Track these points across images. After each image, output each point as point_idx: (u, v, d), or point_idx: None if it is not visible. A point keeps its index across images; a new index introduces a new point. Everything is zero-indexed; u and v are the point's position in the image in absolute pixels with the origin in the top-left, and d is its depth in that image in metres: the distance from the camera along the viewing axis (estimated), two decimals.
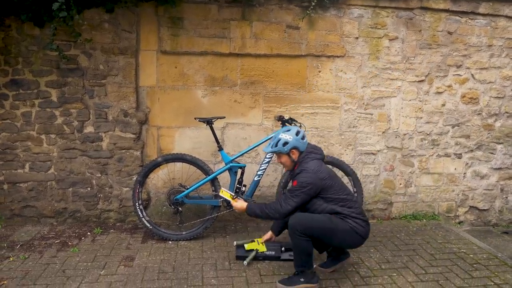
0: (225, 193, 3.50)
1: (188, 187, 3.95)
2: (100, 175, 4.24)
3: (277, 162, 3.38)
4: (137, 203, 3.92)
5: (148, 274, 3.31)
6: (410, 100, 4.56)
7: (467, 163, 4.75)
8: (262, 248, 3.57)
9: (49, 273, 3.29)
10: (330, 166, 3.65)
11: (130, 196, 4.29)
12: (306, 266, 3.08)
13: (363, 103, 4.50)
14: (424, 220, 4.68)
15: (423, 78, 4.54)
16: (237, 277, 3.29)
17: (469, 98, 4.64)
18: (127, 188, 4.29)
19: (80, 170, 4.21)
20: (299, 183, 3.08)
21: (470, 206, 4.83)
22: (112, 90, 4.14)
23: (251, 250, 3.55)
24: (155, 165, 3.93)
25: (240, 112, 4.37)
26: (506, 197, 4.85)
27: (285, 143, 3.20)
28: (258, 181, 3.97)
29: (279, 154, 3.28)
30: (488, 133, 4.72)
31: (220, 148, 3.96)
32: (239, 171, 3.95)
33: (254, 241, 3.64)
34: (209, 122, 3.91)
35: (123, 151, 4.24)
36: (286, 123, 3.96)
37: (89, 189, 4.26)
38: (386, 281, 3.29)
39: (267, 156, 3.95)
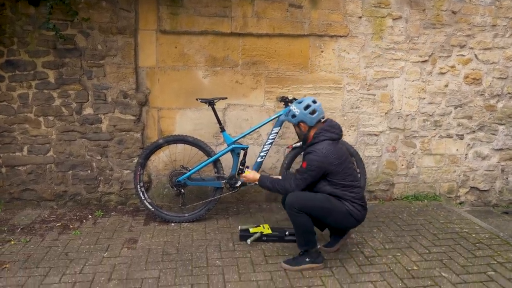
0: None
1: (190, 169, 3.91)
2: (100, 157, 4.18)
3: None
4: (138, 186, 3.87)
5: (152, 256, 3.29)
6: (413, 80, 4.51)
7: (469, 144, 4.74)
8: (267, 231, 3.55)
9: (52, 256, 3.26)
10: None
11: (131, 179, 4.25)
12: (310, 244, 3.08)
13: (366, 84, 4.45)
14: (426, 200, 4.68)
15: (426, 58, 4.49)
16: (242, 258, 3.29)
17: (472, 78, 4.61)
18: (128, 171, 4.24)
19: (80, 152, 4.15)
20: (308, 165, 3.05)
21: (471, 187, 4.84)
22: (111, 71, 4.05)
23: (256, 233, 3.54)
24: (157, 146, 3.88)
25: (241, 93, 4.31)
26: (507, 178, 4.87)
27: (293, 116, 3.19)
28: (261, 162, 3.94)
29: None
30: (490, 114, 4.70)
31: (222, 129, 3.91)
32: (242, 152, 3.91)
33: (259, 226, 3.62)
34: (211, 103, 3.85)
35: (123, 133, 4.17)
36: (290, 104, 3.91)
37: (89, 171, 4.20)
38: (390, 260, 3.29)
39: (270, 138, 3.90)
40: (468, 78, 4.60)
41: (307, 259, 3.10)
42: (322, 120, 3.19)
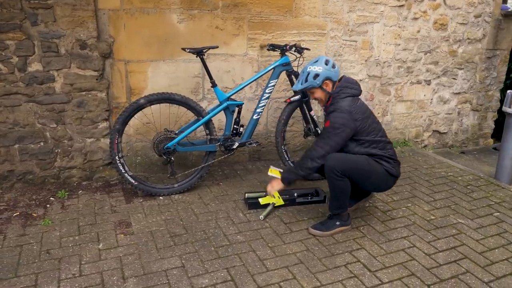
0: (274, 171, 3.21)
1: (177, 131, 3.34)
2: (55, 125, 3.33)
3: (312, 98, 3.00)
4: (117, 157, 3.19)
5: (159, 240, 2.77)
6: (391, 26, 4.38)
7: (434, 89, 4.88)
8: (280, 202, 3.22)
9: (30, 258, 2.54)
10: None
11: (95, 148, 3.51)
12: (344, 208, 2.89)
13: (349, 30, 4.18)
14: (398, 147, 4.78)
15: (403, 2, 4.35)
16: (263, 229, 2.96)
17: (439, 24, 4.64)
18: (92, 139, 3.48)
19: (28, 120, 3.24)
20: (331, 123, 2.78)
21: (433, 130, 5.07)
22: (63, 14, 3.12)
23: (267, 204, 3.20)
24: (137, 108, 3.18)
25: (222, 41, 3.72)
26: (461, 120, 5.20)
27: (316, 75, 2.84)
28: (257, 120, 3.53)
29: (311, 89, 2.90)
30: (453, 59, 4.86)
31: (214, 84, 3.35)
32: (236, 110, 3.44)
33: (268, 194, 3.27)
34: (199, 53, 3.24)
35: (84, 93, 3.35)
36: (288, 53, 3.49)
37: (42, 144, 3.33)
38: (406, 212, 3.27)
39: (267, 91, 3.48)
40: (437, 23, 4.63)
41: (338, 223, 2.91)
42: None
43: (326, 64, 2.85)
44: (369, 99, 4.51)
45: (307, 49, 3.52)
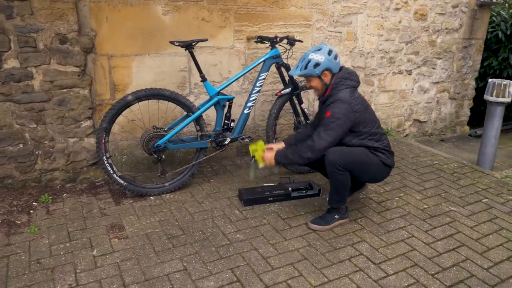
0: (259, 146, 2.94)
1: (166, 129, 3.21)
2: (35, 125, 3.12)
3: (308, 86, 2.93)
4: (104, 157, 3.03)
5: (157, 243, 2.66)
6: (374, 16, 4.39)
7: (415, 79, 4.96)
8: (259, 160, 2.95)
9: (19, 269, 2.37)
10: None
11: (78, 149, 3.33)
12: (343, 201, 2.89)
13: (333, 21, 4.16)
14: None
15: None
16: (261, 226, 2.90)
17: (420, 14, 4.70)
18: (75, 139, 3.29)
19: (5, 121, 3.01)
20: (333, 113, 2.71)
21: (414, 119, 5.16)
22: (41, 7, 2.89)
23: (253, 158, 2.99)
24: (125, 105, 3.02)
25: (209, 33, 3.59)
26: (440, 108, 5.31)
27: (316, 65, 2.75)
28: (248, 114, 3.45)
29: (309, 77, 2.84)
30: (432, 49, 4.94)
31: (204, 79, 3.24)
32: (227, 104, 3.35)
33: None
34: (188, 46, 3.11)
35: (65, 90, 3.14)
36: (278, 45, 3.42)
37: (21, 145, 3.12)
38: (400, 203, 3.30)
39: (257, 85, 3.40)
40: (417, 14, 4.68)
41: (337, 216, 2.90)
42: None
43: (329, 54, 2.76)
44: None
45: (299, 41, 3.47)
